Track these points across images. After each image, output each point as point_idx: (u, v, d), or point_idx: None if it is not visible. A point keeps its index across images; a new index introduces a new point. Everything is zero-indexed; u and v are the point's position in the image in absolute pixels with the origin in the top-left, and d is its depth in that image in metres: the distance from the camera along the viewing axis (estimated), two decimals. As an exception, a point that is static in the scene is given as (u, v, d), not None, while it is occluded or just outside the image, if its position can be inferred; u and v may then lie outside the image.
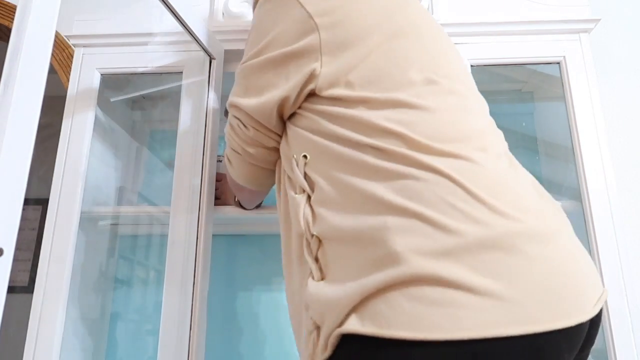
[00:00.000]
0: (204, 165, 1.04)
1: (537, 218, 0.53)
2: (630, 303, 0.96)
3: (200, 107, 1.08)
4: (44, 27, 0.54)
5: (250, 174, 0.80)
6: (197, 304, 0.96)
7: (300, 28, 0.66)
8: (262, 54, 0.69)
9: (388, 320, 0.48)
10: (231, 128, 0.77)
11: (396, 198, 0.54)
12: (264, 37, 0.69)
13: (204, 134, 1.06)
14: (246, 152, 0.76)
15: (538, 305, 0.48)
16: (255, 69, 0.70)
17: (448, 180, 0.53)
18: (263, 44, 0.69)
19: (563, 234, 0.55)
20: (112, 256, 1.30)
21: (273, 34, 0.68)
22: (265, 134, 0.73)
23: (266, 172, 0.79)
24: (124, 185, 1.33)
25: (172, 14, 0.92)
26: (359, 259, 0.54)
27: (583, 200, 1.04)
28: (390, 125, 0.58)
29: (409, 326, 0.47)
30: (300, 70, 0.65)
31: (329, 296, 0.54)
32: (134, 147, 1.41)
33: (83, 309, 1.14)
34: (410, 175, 0.55)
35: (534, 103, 1.36)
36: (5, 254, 0.47)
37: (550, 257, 0.51)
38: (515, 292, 0.48)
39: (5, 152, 0.48)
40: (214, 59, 1.11)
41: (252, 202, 1.01)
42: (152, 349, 1.28)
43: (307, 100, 0.67)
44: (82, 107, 1.12)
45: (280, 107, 0.69)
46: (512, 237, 0.50)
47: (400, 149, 0.56)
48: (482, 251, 0.49)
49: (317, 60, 0.64)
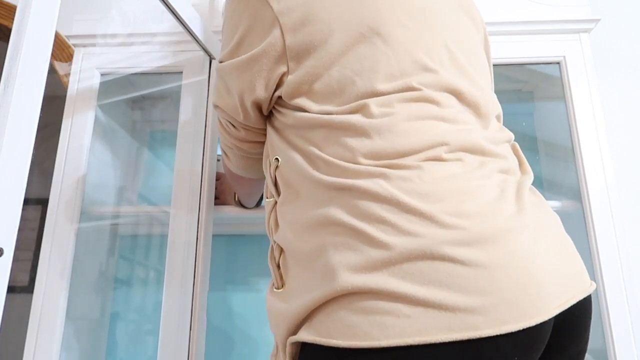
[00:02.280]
0: (204, 165, 1.04)
1: (480, 222, 0.51)
2: (630, 303, 0.96)
3: (200, 107, 1.08)
4: (44, 27, 0.54)
5: (247, 164, 0.81)
6: (197, 304, 0.96)
7: (265, 28, 0.63)
8: (234, 55, 0.67)
9: (328, 329, 0.51)
10: (222, 126, 0.77)
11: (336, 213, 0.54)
12: (233, 35, 0.67)
13: (204, 134, 1.06)
14: (239, 148, 0.77)
15: (472, 311, 0.47)
16: (230, 70, 0.68)
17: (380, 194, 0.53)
18: (234, 44, 0.67)
19: (522, 234, 0.52)
20: (112, 256, 1.30)
21: (241, 32, 0.66)
22: (255, 132, 0.73)
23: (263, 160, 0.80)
24: (124, 185, 1.33)
25: (172, 14, 0.92)
26: (307, 274, 0.56)
27: (583, 200, 1.04)
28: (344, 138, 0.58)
29: (342, 335, 0.50)
30: (267, 74, 0.64)
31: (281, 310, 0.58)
32: (134, 147, 1.41)
33: (83, 309, 1.14)
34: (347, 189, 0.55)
35: (534, 103, 1.36)
36: (5, 254, 0.47)
37: (490, 260, 0.49)
38: (445, 298, 0.47)
39: (5, 152, 0.48)
40: (213, 59, 1.11)
41: (252, 194, 1.01)
42: (152, 349, 1.28)
43: (277, 102, 0.67)
44: (82, 107, 1.12)
45: (258, 109, 0.69)
46: (441, 245, 0.49)
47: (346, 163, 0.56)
48: (410, 261, 0.49)
49: (284, 65, 0.62)
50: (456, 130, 0.58)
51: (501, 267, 0.49)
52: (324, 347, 0.51)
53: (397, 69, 0.60)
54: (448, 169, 0.55)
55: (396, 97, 0.59)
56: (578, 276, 0.57)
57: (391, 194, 0.52)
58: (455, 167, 0.56)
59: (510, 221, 0.53)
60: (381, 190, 0.53)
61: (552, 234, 0.58)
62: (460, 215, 0.51)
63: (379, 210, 0.52)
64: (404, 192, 0.52)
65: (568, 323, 0.55)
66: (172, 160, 1.06)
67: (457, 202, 0.52)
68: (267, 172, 0.69)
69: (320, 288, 0.53)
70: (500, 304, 0.47)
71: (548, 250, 0.54)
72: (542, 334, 0.51)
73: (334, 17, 0.61)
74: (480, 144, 0.59)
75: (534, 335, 0.50)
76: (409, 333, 0.47)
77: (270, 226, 0.66)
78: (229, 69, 0.68)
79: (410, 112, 0.58)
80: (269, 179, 0.67)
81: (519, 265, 0.50)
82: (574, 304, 0.54)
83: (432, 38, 0.63)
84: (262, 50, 0.63)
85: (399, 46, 0.60)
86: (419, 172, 0.54)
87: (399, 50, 0.60)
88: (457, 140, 0.57)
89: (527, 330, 0.48)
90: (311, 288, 0.54)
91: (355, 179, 0.55)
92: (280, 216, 0.63)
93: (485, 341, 0.47)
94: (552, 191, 1.26)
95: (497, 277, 0.48)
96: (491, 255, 0.49)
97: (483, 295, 0.47)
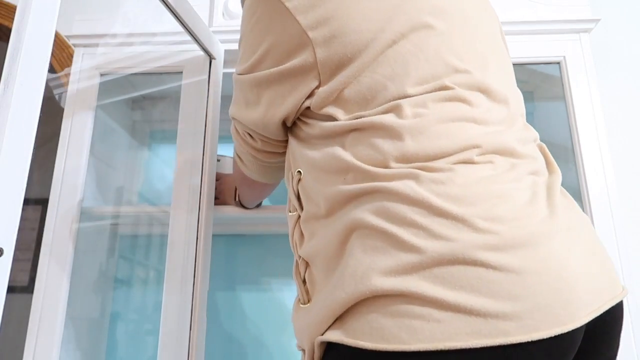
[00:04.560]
0: (204, 165, 1.04)
1: (513, 227, 0.50)
2: (630, 303, 0.96)
3: (200, 107, 1.08)
4: (44, 27, 0.54)
5: (264, 171, 0.80)
6: (197, 304, 0.96)
7: (294, 43, 0.61)
8: (257, 69, 0.66)
9: (355, 330, 0.51)
10: (238, 135, 0.75)
11: (365, 216, 0.54)
12: (257, 48, 0.66)
13: (204, 134, 1.06)
14: (256, 157, 0.76)
15: (503, 317, 0.46)
16: (253, 85, 0.67)
17: (410, 196, 0.52)
18: (257, 57, 0.65)
19: (554, 238, 0.51)
20: (112, 256, 1.30)
21: (266, 46, 0.64)
22: (274, 143, 0.71)
23: (281, 167, 0.79)
24: (124, 185, 1.33)
25: (172, 14, 0.92)
26: (334, 281, 0.55)
27: (583, 200, 1.04)
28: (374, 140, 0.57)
29: (370, 337, 0.49)
30: (298, 89, 0.62)
31: (309, 322, 0.58)
32: (134, 147, 1.41)
33: (83, 309, 1.14)
34: (377, 191, 0.54)
35: (534, 103, 1.36)
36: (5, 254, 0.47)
37: (522, 265, 0.48)
38: (476, 303, 0.46)
39: (5, 152, 0.48)
40: (214, 59, 1.11)
41: (259, 198, 1.00)
42: (152, 349, 1.28)
43: (303, 113, 0.65)
44: (82, 107, 1.12)
45: (282, 122, 0.67)
46: (473, 249, 0.48)
47: (375, 168, 0.55)
48: (442, 266, 0.48)
49: (316, 79, 0.61)
50: (488, 133, 0.58)
51: (534, 272, 0.48)
52: (351, 348, 0.50)
53: (429, 71, 0.59)
54: (480, 172, 0.54)
55: (430, 97, 0.58)
56: (610, 282, 0.56)
57: (422, 197, 0.51)
58: (486, 169, 0.55)
59: (542, 225, 0.52)
60: (412, 192, 0.52)
61: (585, 238, 0.57)
62: (493, 220, 0.50)
63: (410, 213, 0.51)
64: (435, 195, 0.51)
65: (600, 329, 0.54)
66: (172, 161, 1.06)
67: (490, 206, 0.51)
68: (289, 185, 0.67)
69: (348, 289, 0.52)
70: (532, 310, 0.47)
71: (581, 255, 0.53)
72: (573, 341, 0.50)
73: (365, 26, 0.59)
74: (511, 145, 0.58)
75: (565, 342, 0.49)
76: (438, 338, 0.46)
77: (295, 241, 0.64)
78: (254, 83, 0.66)
79: (443, 113, 0.57)
80: (292, 193, 0.65)
81: (552, 270, 0.49)
82: (605, 310, 0.53)
83: (461, 39, 0.61)
84: (292, 66, 0.62)
85: (428, 48, 0.59)
86: (450, 174, 0.53)
87: (429, 53, 0.59)
88: (488, 143, 0.56)
89: (558, 337, 0.47)
90: (339, 291, 0.53)
91: (384, 182, 0.54)
92: (306, 230, 0.62)
93: (515, 347, 0.46)
94: (552, 191, 1.25)
95: (530, 282, 0.48)
96: (524, 261, 0.49)
97: (515, 301, 0.47)
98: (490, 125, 0.59)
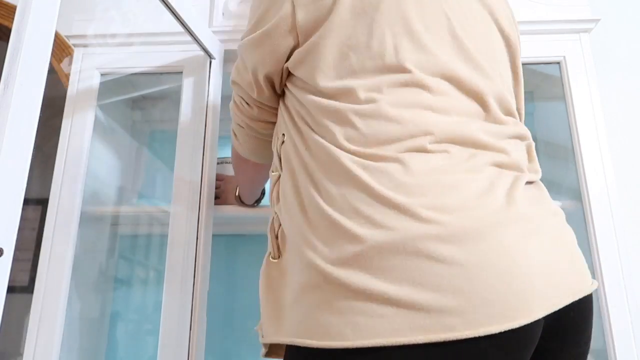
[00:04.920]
0: (204, 165, 1.04)
1: (461, 217, 0.48)
2: (630, 303, 0.96)
3: (200, 107, 1.08)
4: (44, 27, 0.54)
5: (256, 146, 0.81)
6: (197, 304, 0.96)
7: (279, 4, 0.64)
8: (253, 31, 0.68)
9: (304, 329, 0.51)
10: (235, 105, 0.77)
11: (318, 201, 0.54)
12: (255, 13, 0.69)
13: (204, 134, 1.06)
14: (250, 127, 0.77)
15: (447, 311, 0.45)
16: (248, 47, 0.69)
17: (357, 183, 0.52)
18: (254, 21, 0.68)
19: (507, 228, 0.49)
20: (112, 256, 1.30)
21: (260, 11, 0.67)
22: (269, 110, 0.73)
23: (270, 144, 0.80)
24: (124, 185, 1.33)
25: (172, 14, 0.92)
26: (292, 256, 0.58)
27: (583, 200, 1.04)
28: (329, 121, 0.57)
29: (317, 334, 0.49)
30: (278, 48, 0.65)
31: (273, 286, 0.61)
32: (134, 147, 1.41)
33: (83, 309, 1.14)
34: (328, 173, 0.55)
35: (534, 103, 1.36)
36: (5, 254, 0.47)
37: (468, 257, 0.46)
38: (419, 298, 0.45)
39: (5, 152, 0.48)
40: (213, 59, 1.11)
41: (254, 185, 1.01)
42: (152, 349, 1.28)
43: (288, 79, 0.68)
44: (82, 107, 1.12)
45: (271, 84, 0.69)
46: (414, 240, 0.47)
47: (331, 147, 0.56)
48: (382, 256, 0.47)
49: (294, 38, 0.63)
50: (444, 121, 0.55)
51: (480, 265, 0.46)
52: (300, 347, 0.51)
53: (392, 44, 0.58)
54: (433, 162, 0.52)
55: (386, 80, 0.57)
56: (576, 275, 0.54)
57: (368, 184, 0.51)
58: (439, 159, 0.53)
59: (495, 216, 0.49)
60: (359, 179, 0.52)
61: (547, 230, 0.54)
62: (438, 209, 0.48)
63: (355, 201, 0.51)
64: (380, 184, 0.51)
65: (564, 324, 0.53)
66: (172, 160, 1.06)
67: (437, 195, 0.49)
68: (274, 147, 0.70)
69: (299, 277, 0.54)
70: (479, 305, 0.45)
71: (540, 247, 0.51)
72: (529, 336, 0.48)
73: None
74: (473, 135, 0.55)
75: (519, 337, 0.47)
76: (381, 333, 0.45)
77: (273, 198, 0.67)
78: (246, 45, 0.69)
79: (397, 99, 0.56)
80: (275, 154, 0.68)
81: (501, 262, 0.47)
82: (569, 304, 0.51)
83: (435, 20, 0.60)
84: (274, 25, 0.64)
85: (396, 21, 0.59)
86: (399, 163, 0.52)
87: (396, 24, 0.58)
88: (443, 131, 0.54)
89: (511, 332, 0.45)
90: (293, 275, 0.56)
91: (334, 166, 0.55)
92: (281, 191, 0.64)
93: (464, 343, 0.45)
94: (552, 191, 1.25)
95: (476, 275, 0.46)
96: (470, 252, 0.46)
97: (459, 295, 0.45)
98: (453, 116, 0.56)
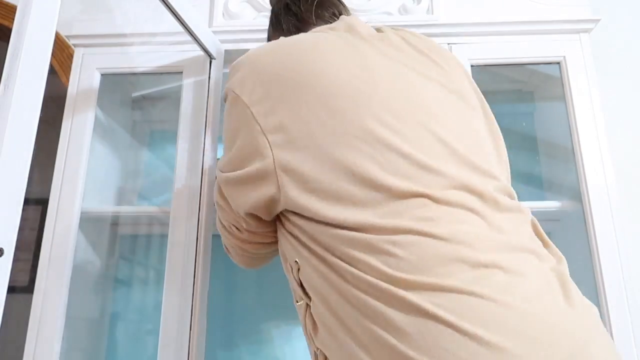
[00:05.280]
0: (204, 165, 1.04)
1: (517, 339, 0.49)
2: (630, 303, 0.96)
3: (200, 107, 1.08)
4: (44, 27, 0.54)
5: (252, 261, 0.81)
6: (197, 304, 0.96)
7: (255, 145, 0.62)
8: (230, 168, 0.67)
9: None
10: (224, 228, 0.75)
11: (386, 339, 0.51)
12: (231, 145, 0.67)
13: (204, 134, 1.06)
14: (244, 250, 0.76)
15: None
16: (228, 184, 0.68)
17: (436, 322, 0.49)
18: (231, 156, 0.67)
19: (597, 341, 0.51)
20: (112, 256, 1.30)
21: (237, 146, 0.65)
22: (263, 234, 0.71)
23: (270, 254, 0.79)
24: (124, 185, 1.33)
25: (172, 14, 0.92)
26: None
27: (583, 200, 1.04)
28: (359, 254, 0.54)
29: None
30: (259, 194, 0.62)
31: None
32: (134, 147, 1.41)
33: (83, 309, 1.14)
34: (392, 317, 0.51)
35: (534, 103, 1.36)
36: (5, 254, 0.47)
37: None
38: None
39: (5, 152, 0.48)
40: (213, 59, 1.11)
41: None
42: (152, 349, 1.27)
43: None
44: (82, 107, 1.12)
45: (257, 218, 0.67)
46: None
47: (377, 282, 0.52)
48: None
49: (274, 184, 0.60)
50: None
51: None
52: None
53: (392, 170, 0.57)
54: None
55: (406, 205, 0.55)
56: None
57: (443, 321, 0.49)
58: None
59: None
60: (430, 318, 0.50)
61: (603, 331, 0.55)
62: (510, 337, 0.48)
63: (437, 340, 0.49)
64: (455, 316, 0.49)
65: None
66: (172, 161, 1.06)
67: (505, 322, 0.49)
68: (289, 274, 0.65)
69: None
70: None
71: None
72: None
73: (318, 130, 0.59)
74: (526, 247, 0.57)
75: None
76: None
77: (308, 330, 0.61)
78: (229, 182, 0.67)
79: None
80: (294, 282, 0.63)
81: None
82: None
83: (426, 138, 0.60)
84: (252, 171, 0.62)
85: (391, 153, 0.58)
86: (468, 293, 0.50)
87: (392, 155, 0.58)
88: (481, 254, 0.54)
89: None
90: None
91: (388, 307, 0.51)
92: (319, 321, 0.59)
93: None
94: (552, 191, 1.26)
95: None
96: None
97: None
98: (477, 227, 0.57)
